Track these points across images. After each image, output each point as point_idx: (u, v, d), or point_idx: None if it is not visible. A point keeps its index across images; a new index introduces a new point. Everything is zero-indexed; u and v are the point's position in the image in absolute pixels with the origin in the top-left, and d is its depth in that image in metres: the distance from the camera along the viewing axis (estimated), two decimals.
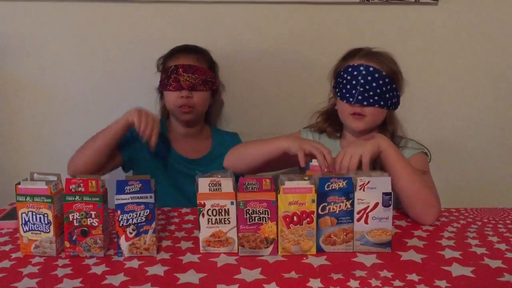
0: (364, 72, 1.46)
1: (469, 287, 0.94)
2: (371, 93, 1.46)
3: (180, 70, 1.63)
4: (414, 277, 0.98)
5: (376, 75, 1.46)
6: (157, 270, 1.02)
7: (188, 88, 1.63)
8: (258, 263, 1.05)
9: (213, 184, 1.08)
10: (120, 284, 0.96)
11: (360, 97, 1.46)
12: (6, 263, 1.05)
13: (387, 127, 1.54)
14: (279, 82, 1.96)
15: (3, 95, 1.95)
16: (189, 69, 1.63)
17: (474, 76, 1.98)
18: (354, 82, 1.47)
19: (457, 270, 1.01)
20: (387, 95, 1.47)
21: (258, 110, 1.99)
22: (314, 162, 1.26)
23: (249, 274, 0.99)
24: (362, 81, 1.46)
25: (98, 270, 1.02)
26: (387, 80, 1.47)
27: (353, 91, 1.46)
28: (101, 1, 1.88)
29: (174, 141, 1.76)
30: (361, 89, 1.46)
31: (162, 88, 1.69)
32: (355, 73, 1.47)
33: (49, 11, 1.89)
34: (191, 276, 0.99)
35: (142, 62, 1.91)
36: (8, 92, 1.95)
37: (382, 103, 1.47)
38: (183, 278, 0.98)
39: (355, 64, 1.48)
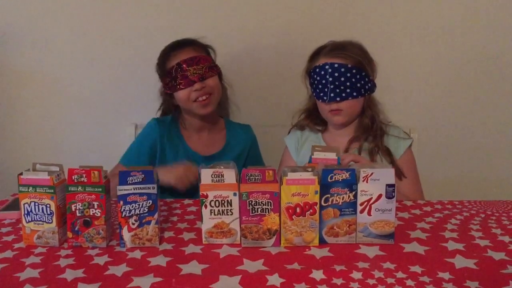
0: (330, 70, 1.51)
1: (472, 279, 0.94)
2: (342, 87, 1.51)
3: (184, 66, 1.60)
4: (417, 269, 0.97)
5: (343, 69, 1.50)
6: (160, 260, 1.02)
7: (199, 80, 1.60)
8: (260, 254, 1.04)
9: (215, 175, 1.08)
10: (122, 275, 0.96)
11: (332, 95, 1.51)
12: (8, 253, 1.05)
13: (366, 112, 1.59)
14: (285, 75, 1.96)
15: (7, 87, 1.95)
16: (192, 61, 1.61)
17: (478, 67, 1.98)
18: (323, 81, 1.52)
19: (460, 262, 1.01)
20: (358, 85, 1.52)
21: (263, 103, 1.99)
22: (315, 155, 1.25)
23: (252, 265, 0.99)
24: (330, 79, 1.51)
25: (101, 260, 1.02)
26: (354, 71, 1.51)
27: (325, 90, 1.52)
28: None
29: (188, 139, 1.74)
30: (332, 86, 1.51)
31: (171, 90, 1.65)
32: (323, 72, 1.52)
33: (52, 3, 1.89)
34: (194, 267, 0.98)
35: (145, 55, 1.90)
36: (11, 84, 1.95)
37: (355, 93, 1.52)
38: (186, 269, 0.98)
39: (321, 64, 1.53)
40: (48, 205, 1.07)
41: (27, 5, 1.88)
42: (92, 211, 1.08)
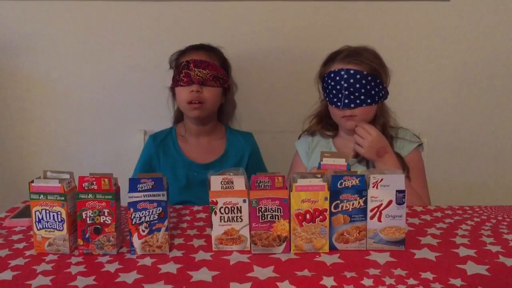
0: (345, 76, 1.50)
1: (484, 285, 0.93)
2: (356, 94, 1.50)
3: (191, 65, 1.63)
4: (428, 275, 0.97)
5: (358, 76, 1.50)
6: (170, 268, 1.02)
7: (198, 83, 1.63)
8: (270, 261, 1.04)
9: (225, 182, 1.08)
10: (133, 282, 0.96)
11: (346, 101, 1.50)
12: (20, 261, 1.06)
13: (378, 119, 1.59)
14: (291, 80, 1.96)
15: (17, 94, 1.97)
16: (200, 64, 1.63)
17: (487, 72, 1.97)
18: (338, 87, 1.51)
19: (472, 268, 1.00)
20: (373, 92, 1.51)
21: (270, 108, 1.99)
22: (324, 161, 1.25)
23: (262, 272, 0.99)
24: (345, 85, 1.50)
25: (111, 267, 1.02)
26: (369, 78, 1.50)
27: (339, 95, 1.51)
28: (113, 0, 1.89)
29: (185, 148, 1.76)
30: (346, 92, 1.50)
31: (174, 84, 1.69)
32: (337, 78, 1.51)
33: (61, 10, 1.90)
34: (204, 274, 0.98)
35: (153, 61, 1.92)
36: (21, 91, 1.96)
37: (369, 100, 1.51)
38: (196, 276, 0.98)
39: (336, 70, 1.52)
40: (59, 213, 1.08)
41: (37, 12, 1.90)
42: (103, 218, 1.08)
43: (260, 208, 1.07)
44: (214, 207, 1.08)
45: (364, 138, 1.50)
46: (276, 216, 1.07)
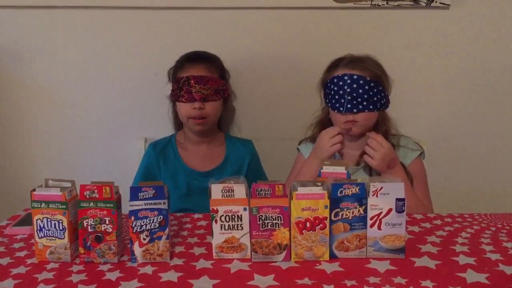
0: (349, 81, 1.51)
1: None
2: (359, 99, 1.51)
3: (192, 81, 1.63)
4: (428, 283, 0.97)
5: (361, 81, 1.51)
6: (171, 276, 1.02)
7: (200, 100, 1.63)
8: (271, 269, 1.04)
9: (226, 190, 1.08)
10: None
11: (349, 106, 1.51)
12: (21, 269, 1.06)
13: (379, 127, 1.59)
14: (290, 88, 1.97)
15: (17, 102, 1.97)
16: (201, 80, 1.63)
17: (486, 79, 1.98)
18: (341, 92, 1.52)
19: (471, 276, 1.00)
20: (375, 98, 1.52)
21: (269, 116, 2.00)
22: (325, 169, 1.25)
23: (262, 280, 0.99)
24: (348, 90, 1.51)
25: (112, 276, 1.03)
26: (372, 84, 1.51)
27: (342, 101, 1.52)
28: (113, 8, 1.90)
29: (185, 156, 1.76)
30: (349, 97, 1.51)
31: (175, 98, 1.69)
32: (341, 83, 1.52)
33: (62, 19, 1.91)
34: (205, 282, 0.99)
35: (153, 68, 1.93)
36: (21, 99, 1.97)
37: (371, 107, 1.52)
38: (197, 284, 0.98)
39: (339, 75, 1.53)
40: (60, 221, 1.08)
41: (37, 21, 1.91)
42: (104, 226, 1.08)
43: (260, 216, 1.07)
44: (214, 215, 1.09)
45: (377, 150, 1.49)
46: (277, 224, 1.07)
